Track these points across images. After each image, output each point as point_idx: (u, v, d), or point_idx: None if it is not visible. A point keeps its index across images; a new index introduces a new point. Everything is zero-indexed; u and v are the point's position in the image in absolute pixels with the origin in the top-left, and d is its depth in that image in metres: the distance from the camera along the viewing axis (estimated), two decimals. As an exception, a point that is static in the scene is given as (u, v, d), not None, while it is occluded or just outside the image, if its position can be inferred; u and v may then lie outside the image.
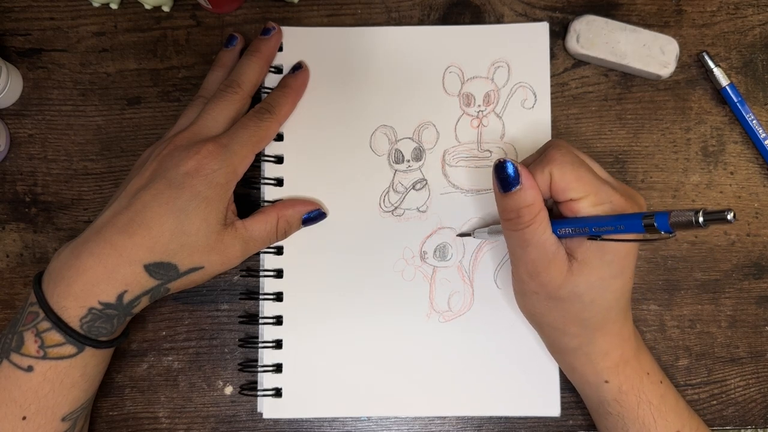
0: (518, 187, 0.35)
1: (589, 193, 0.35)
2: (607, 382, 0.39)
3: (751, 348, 0.46)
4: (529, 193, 0.35)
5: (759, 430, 0.46)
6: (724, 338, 0.46)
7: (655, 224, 0.31)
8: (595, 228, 0.34)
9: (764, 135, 0.46)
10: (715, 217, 0.29)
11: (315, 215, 0.44)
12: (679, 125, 0.47)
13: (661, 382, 0.40)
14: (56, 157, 0.47)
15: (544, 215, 0.36)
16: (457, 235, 0.45)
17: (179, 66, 0.47)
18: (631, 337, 0.40)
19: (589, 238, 0.36)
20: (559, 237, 0.37)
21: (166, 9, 0.47)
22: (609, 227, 0.34)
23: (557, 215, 0.38)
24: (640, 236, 0.33)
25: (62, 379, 0.37)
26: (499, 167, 0.36)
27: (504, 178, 0.36)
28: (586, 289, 0.36)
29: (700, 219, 0.29)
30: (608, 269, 0.36)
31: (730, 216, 0.28)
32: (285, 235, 0.44)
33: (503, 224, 0.38)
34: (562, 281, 0.36)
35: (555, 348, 0.41)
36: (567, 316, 0.38)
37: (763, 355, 0.46)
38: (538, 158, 0.37)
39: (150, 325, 0.46)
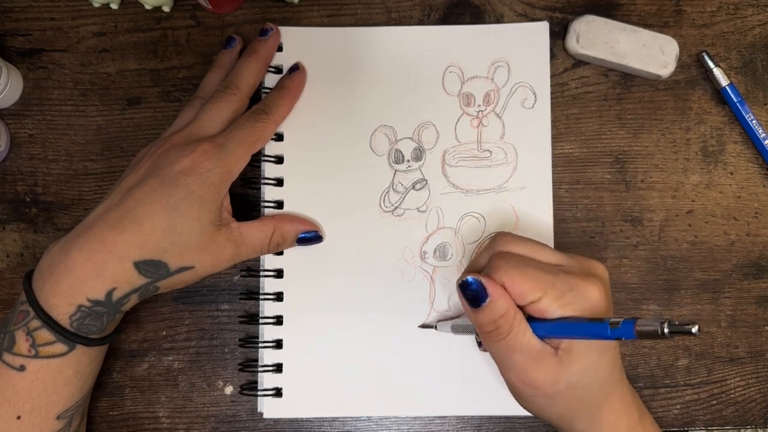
0: (488, 300, 0.34)
1: (546, 291, 0.34)
2: None
3: (750, 348, 0.46)
4: (500, 303, 0.34)
5: (759, 430, 0.46)
6: (724, 338, 0.46)
7: (620, 334, 0.32)
8: (566, 337, 0.35)
9: (764, 135, 0.46)
10: (680, 330, 0.29)
11: (311, 237, 0.44)
12: (678, 125, 0.47)
13: None
14: (56, 157, 0.47)
15: (521, 318, 0.35)
16: (419, 326, 0.45)
17: (179, 66, 0.47)
18: (633, 400, 0.39)
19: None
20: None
21: (166, 9, 0.47)
22: (581, 336, 0.34)
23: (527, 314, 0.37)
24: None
25: (55, 377, 0.37)
26: (464, 286, 0.35)
27: (472, 296, 0.35)
28: (580, 376, 0.36)
29: (666, 331, 0.29)
30: (595, 350, 0.36)
31: (695, 329, 0.28)
32: (277, 248, 0.43)
33: (483, 338, 0.36)
34: (555, 377, 0.35)
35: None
36: (571, 404, 0.37)
37: (763, 355, 0.46)
38: (486, 269, 0.36)
39: (150, 325, 0.46)
